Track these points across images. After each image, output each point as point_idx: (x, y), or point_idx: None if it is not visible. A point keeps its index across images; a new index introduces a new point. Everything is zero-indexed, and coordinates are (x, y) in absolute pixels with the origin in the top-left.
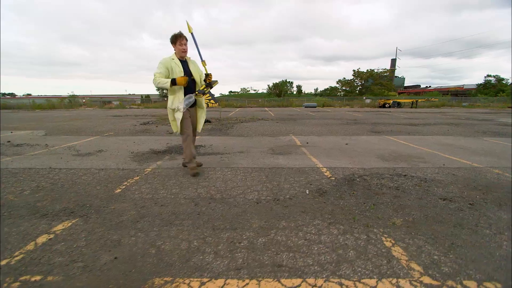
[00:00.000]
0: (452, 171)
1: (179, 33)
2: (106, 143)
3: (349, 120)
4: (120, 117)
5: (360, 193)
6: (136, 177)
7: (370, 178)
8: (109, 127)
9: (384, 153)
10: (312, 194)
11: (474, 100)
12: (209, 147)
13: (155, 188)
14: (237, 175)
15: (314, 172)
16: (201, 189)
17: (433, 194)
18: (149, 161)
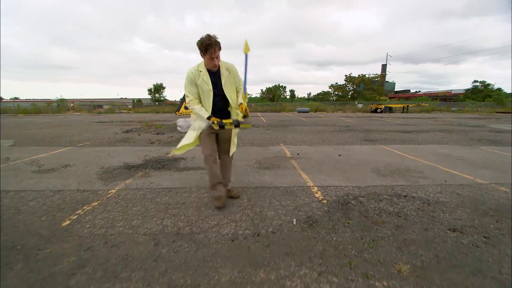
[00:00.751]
0: (455, 189)
1: (210, 41)
2: (77, 155)
3: (342, 126)
4: (104, 124)
5: (356, 223)
6: (95, 202)
7: (367, 200)
8: (87, 135)
9: (379, 166)
10: (300, 224)
11: (462, 105)
12: (191, 160)
13: (112, 218)
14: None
15: (303, 193)
16: (168, 219)
17: (440, 222)
18: (118, 179)
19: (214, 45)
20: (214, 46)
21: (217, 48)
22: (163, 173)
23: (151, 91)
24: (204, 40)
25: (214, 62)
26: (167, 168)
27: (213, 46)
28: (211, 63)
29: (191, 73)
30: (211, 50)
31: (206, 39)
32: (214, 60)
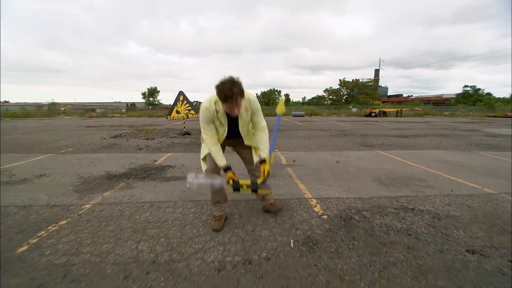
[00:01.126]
0: (464, 200)
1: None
2: (56, 163)
3: (338, 131)
4: (93, 128)
5: (362, 244)
6: (64, 220)
7: (371, 214)
8: (72, 141)
9: (380, 174)
10: (298, 247)
11: (454, 109)
12: (179, 169)
13: (79, 242)
14: (202, 214)
15: (301, 206)
16: (145, 242)
17: (456, 241)
18: (95, 192)
19: (237, 96)
20: (237, 97)
21: (239, 99)
22: (147, 184)
23: (145, 95)
24: (224, 90)
25: (234, 111)
26: (152, 177)
27: (234, 99)
28: (231, 111)
29: (208, 111)
30: (231, 102)
31: (227, 89)
32: (235, 109)
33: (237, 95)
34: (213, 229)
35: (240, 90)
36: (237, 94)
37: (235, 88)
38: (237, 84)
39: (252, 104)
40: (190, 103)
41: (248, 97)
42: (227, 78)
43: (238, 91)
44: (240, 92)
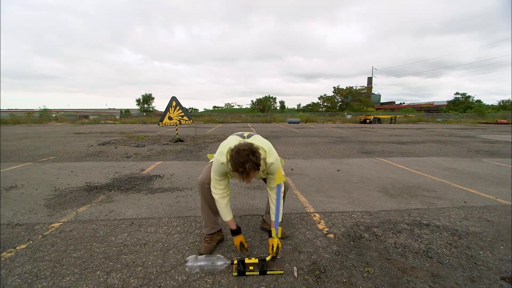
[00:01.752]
0: (481, 213)
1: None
2: (32, 173)
3: (335, 138)
4: (82, 135)
5: (378, 271)
6: (24, 244)
7: (383, 232)
8: (56, 148)
9: (385, 184)
10: (303, 277)
11: (446, 116)
12: (168, 179)
13: (36, 273)
14: (189, 234)
15: (303, 223)
16: (116, 273)
17: (485, 266)
18: (69, 207)
19: (249, 171)
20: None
21: (252, 173)
22: (130, 197)
23: (140, 101)
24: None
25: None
26: (136, 189)
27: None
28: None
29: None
30: (241, 175)
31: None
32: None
33: (250, 170)
34: (200, 253)
35: (255, 165)
36: (249, 170)
37: (248, 164)
38: (253, 158)
39: (270, 169)
40: (183, 108)
41: (266, 161)
42: (245, 147)
43: (251, 166)
44: (254, 166)
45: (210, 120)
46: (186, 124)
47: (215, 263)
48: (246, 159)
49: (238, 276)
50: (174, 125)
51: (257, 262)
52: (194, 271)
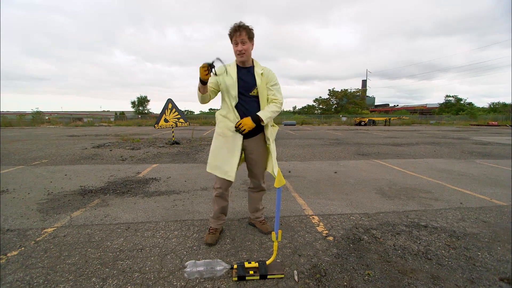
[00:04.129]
0: (477, 214)
1: (234, 26)
2: (25, 177)
3: (331, 140)
4: (76, 138)
5: (379, 273)
6: (16, 250)
7: (382, 234)
8: (49, 151)
9: (382, 185)
10: (303, 281)
11: (439, 118)
12: (165, 182)
13: (28, 281)
14: (187, 238)
15: (302, 225)
16: (112, 280)
17: (484, 267)
18: (63, 211)
19: (239, 28)
20: (240, 29)
21: (243, 32)
22: (125, 201)
23: (135, 104)
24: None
25: (239, 48)
26: (132, 193)
27: (238, 29)
28: (235, 50)
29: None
30: (236, 34)
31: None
32: (239, 45)
33: (242, 28)
34: (206, 243)
35: (244, 25)
36: (240, 27)
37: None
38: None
39: (268, 72)
40: (179, 111)
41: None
42: None
43: (246, 26)
44: (244, 27)
45: (206, 122)
46: (182, 126)
47: (215, 268)
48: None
49: (238, 281)
50: (170, 127)
51: (257, 266)
52: (193, 277)
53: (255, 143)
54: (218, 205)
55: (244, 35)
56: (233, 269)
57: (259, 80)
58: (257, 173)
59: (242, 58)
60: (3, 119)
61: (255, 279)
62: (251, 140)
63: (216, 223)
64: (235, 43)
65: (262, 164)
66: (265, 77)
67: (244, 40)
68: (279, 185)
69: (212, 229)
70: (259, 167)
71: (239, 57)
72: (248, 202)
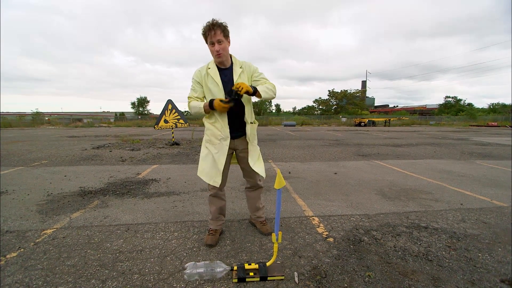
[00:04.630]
0: (478, 215)
1: (207, 25)
2: (24, 178)
3: (331, 140)
4: (75, 138)
5: (379, 275)
6: (15, 252)
7: (382, 235)
8: (49, 152)
9: (382, 186)
10: (304, 283)
11: (438, 119)
12: (165, 183)
13: (27, 283)
14: (187, 239)
15: (302, 227)
16: (112, 281)
17: (485, 268)
18: (63, 212)
19: (214, 26)
20: (214, 28)
21: (218, 31)
22: (125, 202)
23: (135, 104)
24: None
25: (215, 48)
26: (132, 194)
27: (212, 27)
28: (212, 50)
29: (198, 71)
30: (210, 33)
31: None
32: (215, 45)
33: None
34: (206, 244)
35: (218, 23)
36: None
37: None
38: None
39: (246, 64)
40: (179, 111)
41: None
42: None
43: (216, 22)
44: (218, 25)
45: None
46: (182, 127)
47: (215, 270)
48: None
49: (238, 282)
50: (170, 128)
51: (257, 268)
52: (193, 278)
53: (244, 142)
54: (215, 205)
55: (220, 33)
56: (233, 270)
57: (236, 77)
58: (250, 171)
59: (220, 58)
60: (3, 120)
61: (255, 280)
62: (240, 140)
63: (215, 224)
64: (211, 43)
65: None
66: (246, 73)
67: (220, 39)
68: (279, 187)
69: (212, 230)
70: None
71: (217, 58)
72: (247, 202)
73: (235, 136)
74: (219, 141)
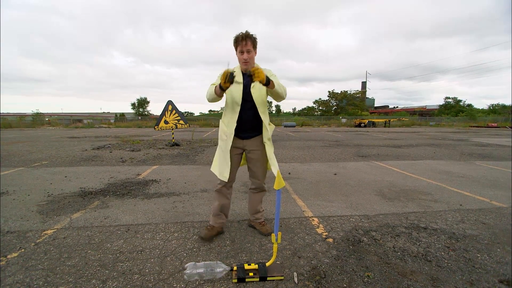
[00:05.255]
0: (477, 216)
1: (240, 35)
2: (25, 178)
3: (331, 141)
4: (76, 139)
5: (378, 275)
6: (16, 252)
7: (381, 235)
8: (49, 152)
9: (382, 187)
10: (303, 283)
11: (438, 120)
12: (165, 183)
13: (29, 283)
14: (187, 240)
15: (301, 227)
16: (113, 281)
17: (483, 269)
18: (63, 213)
19: (244, 37)
20: (246, 38)
21: (249, 41)
22: (125, 202)
23: (135, 105)
24: (236, 35)
25: (244, 56)
26: (132, 194)
27: (244, 38)
28: (241, 58)
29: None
30: (240, 44)
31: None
32: (244, 54)
33: (247, 37)
34: (200, 237)
35: (249, 35)
36: (246, 36)
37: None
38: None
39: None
40: (179, 112)
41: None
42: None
43: (248, 34)
44: (249, 36)
45: (206, 124)
46: (182, 128)
47: (214, 270)
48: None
49: (238, 282)
50: (170, 129)
51: (257, 268)
52: (193, 279)
53: (255, 143)
54: (218, 201)
55: (250, 44)
56: (233, 271)
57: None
58: (257, 173)
59: (246, 66)
60: (3, 121)
61: (255, 281)
62: (251, 140)
63: (214, 221)
64: (241, 51)
65: (262, 163)
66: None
67: (249, 49)
68: (279, 187)
69: (210, 226)
70: (259, 167)
71: (244, 65)
72: (248, 203)
73: (246, 136)
74: (226, 138)
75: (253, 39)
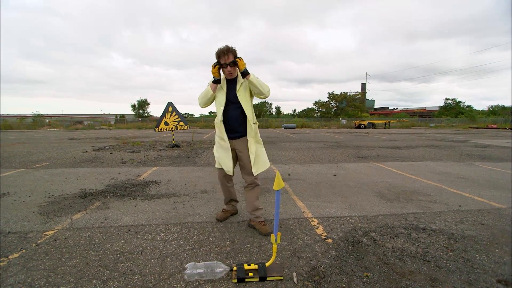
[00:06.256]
0: (476, 217)
1: (222, 50)
2: (25, 180)
3: (331, 143)
4: (76, 140)
5: (377, 275)
6: (17, 253)
7: (380, 236)
8: (50, 154)
9: (381, 188)
10: (302, 283)
11: (438, 121)
12: (165, 185)
13: (30, 283)
14: (187, 240)
15: (301, 228)
16: (113, 282)
17: (482, 269)
18: (64, 214)
19: (227, 51)
20: (227, 53)
21: (230, 55)
22: (126, 203)
23: (135, 107)
24: (218, 49)
25: (227, 69)
26: (133, 195)
27: (226, 53)
28: (225, 71)
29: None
30: (223, 58)
31: (221, 48)
32: (227, 67)
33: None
34: (216, 218)
35: (230, 48)
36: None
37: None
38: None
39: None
40: (179, 114)
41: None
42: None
43: (228, 48)
44: (231, 50)
45: (207, 125)
46: (183, 129)
47: (214, 270)
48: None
49: (238, 282)
50: (170, 130)
51: (257, 268)
52: (193, 279)
53: (243, 143)
54: (224, 192)
55: (231, 57)
56: (233, 271)
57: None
58: (248, 169)
59: (231, 77)
60: (4, 122)
61: (255, 281)
62: (239, 141)
63: (227, 206)
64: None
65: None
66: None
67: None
68: (278, 188)
69: (224, 210)
70: (249, 163)
71: (229, 76)
72: (246, 202)
73: (234, 136)
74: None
75: (234, 51)
